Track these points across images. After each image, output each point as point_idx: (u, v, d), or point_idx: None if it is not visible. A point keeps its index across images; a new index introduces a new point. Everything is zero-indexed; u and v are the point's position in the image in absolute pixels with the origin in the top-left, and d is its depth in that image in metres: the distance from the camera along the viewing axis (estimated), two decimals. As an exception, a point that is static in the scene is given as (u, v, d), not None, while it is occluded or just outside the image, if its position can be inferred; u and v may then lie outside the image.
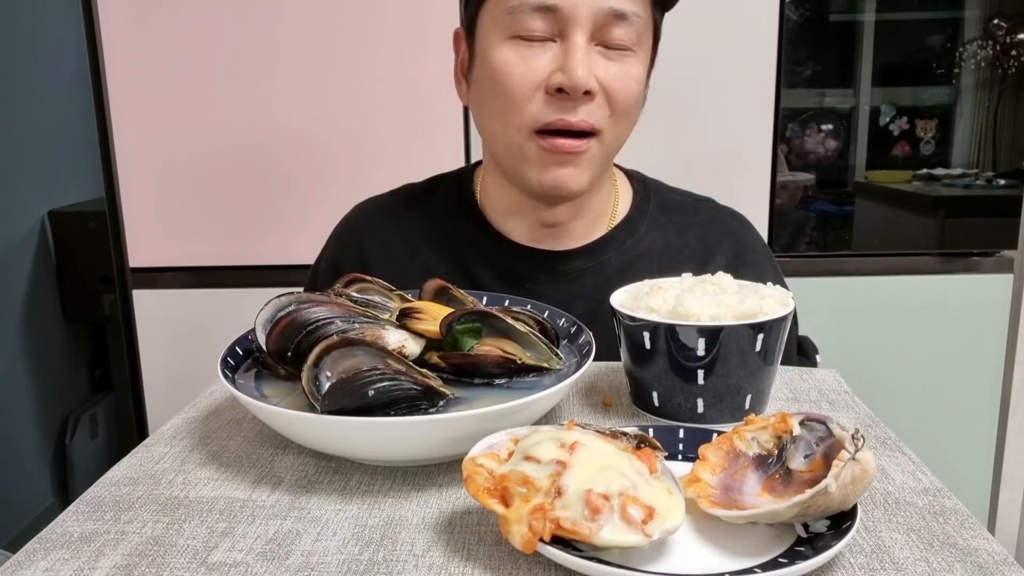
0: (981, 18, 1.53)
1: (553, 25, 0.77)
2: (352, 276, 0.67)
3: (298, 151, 1.44)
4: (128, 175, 1.46)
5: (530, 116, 0.78)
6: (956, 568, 0.42)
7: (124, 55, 1.41)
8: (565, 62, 0.76)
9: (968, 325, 1.51)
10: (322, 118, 1.42)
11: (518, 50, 0.78)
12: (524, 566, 0.42)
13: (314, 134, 1.43)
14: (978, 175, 1.57)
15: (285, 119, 1.43)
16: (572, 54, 0.75)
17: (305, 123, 1.43)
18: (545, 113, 0.77)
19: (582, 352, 0.62)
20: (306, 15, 1.40)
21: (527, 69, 0.77)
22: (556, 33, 0.77)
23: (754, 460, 0.47)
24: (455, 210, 0.93)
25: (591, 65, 0.76)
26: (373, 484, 0.52)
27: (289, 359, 0.57)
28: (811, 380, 0.69)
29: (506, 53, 0.78)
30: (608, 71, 0.77)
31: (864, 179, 1.57)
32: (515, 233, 0.89)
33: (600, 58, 0.77)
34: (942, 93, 1.56)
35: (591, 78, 0.76)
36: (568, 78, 0.75)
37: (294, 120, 1.43)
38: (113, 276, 1.52)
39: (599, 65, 0.77)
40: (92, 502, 0.50)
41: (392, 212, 0.95)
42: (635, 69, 0.79)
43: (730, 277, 0.64)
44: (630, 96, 0.79)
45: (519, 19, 0.77)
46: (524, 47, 0.77)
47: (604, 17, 0.76)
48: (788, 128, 1.52)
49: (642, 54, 0.80)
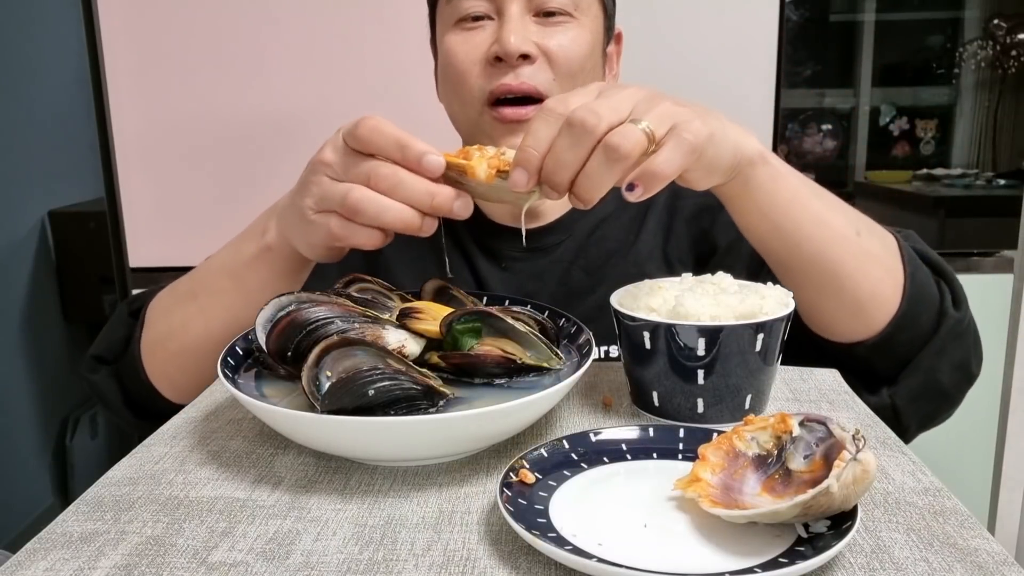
0: (981, 18, 1.54)
1: (491, 7, 0.82)
2: (352, 276, 0.67)
3: (299, 152, 1.43)
4: (128, 175, 1.46)
5: (477, 88, 0.82)
6: (956, 568, 0.42)
7: (124, 55, 1.41)
8: (499, 32, 0.81)
9: (968, 325, 1.51)
10: (323, 120, 1.42)
11: (460, 33, 0.83)
12: (524, 565, 0.42)
13: (315, 137, 1.43)
14: (978, 175, 1.57)
15: (286, 121, 1.43)
16: (505, 24, 0.80)
17: (306, 125, 1.43)
18: (488, 82, 0.82)
19: (582, 352, 0.62)
20: (307, 16, 1.40)
21: (469, 46, 0.82)
22: (493, 12, 0.82)
23: (753, 460, 0.47)
24: None
25: (525, 32, 0.80)
26: (373, 484, 0.52)
27: (289, 359, 0.57)
28: (811, 380, 0.69)
29: (451, 38, 0.84)
30: (546, 36, 0.81)
31: (864, 179, 1.57)
32: (496, 214, 0.92)
33: (538, 27, 0.81)
34: (942, 93, 1.56)
35: (524, 42, 0.80)
36: (500, 44, 0.79)
37: (295, 122, 1.43)
38: (113, 276, 1.52)
39: (536, 32, 0.81)
40: (92, 502, 0.50)
41: None
42: (579, 35, 0.83)
43: (730, 277, 0.64)
44: (572, 58, 0.82)
45: (457, 5, 0.83)
46: (466, 30, 0.83)
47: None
48: (788, 128, 1.53)
49: (586, 20, 0.84)
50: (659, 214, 0.92)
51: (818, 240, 0.68)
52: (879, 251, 0.72)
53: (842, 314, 0.72)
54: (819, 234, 0.68)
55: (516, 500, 0.45)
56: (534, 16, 0.82)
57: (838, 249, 0.69)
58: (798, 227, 0.68)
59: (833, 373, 0.70)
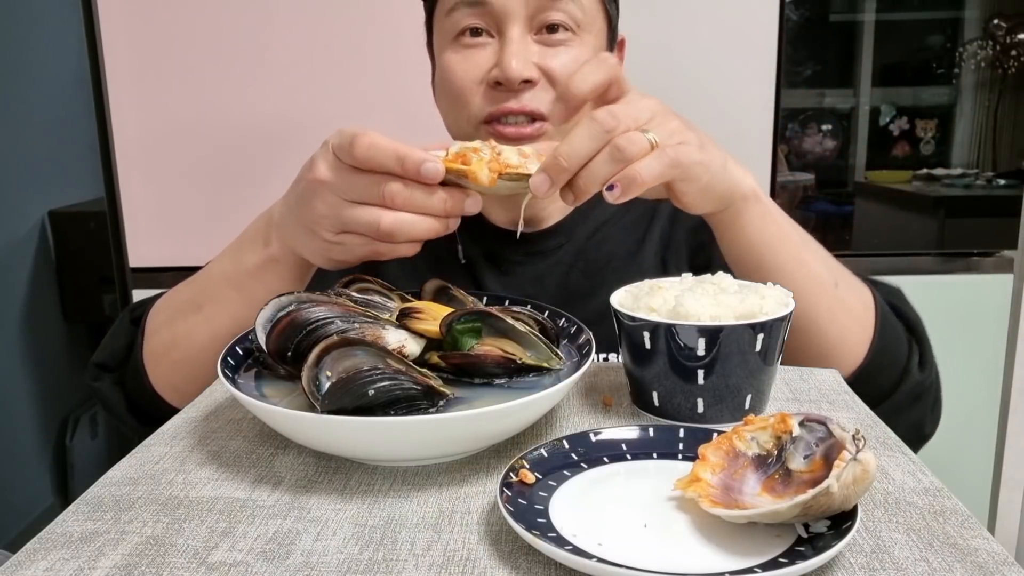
0: (981, 18, 1.53)
1: (490, 21, 0.79)
2: (352, 276, 0.67)
3: (299, 152, 1.43)
4: (128, 175, 1.45)
5: (476, 107, 0.81)
6: (956, 568, 0.42)
7: (124, 55, 1.41)
8: (500, 56, 0.78)
9: (968, 325, 1.51)
10: (323, 120, 1.42)
11: (460, 51, 0.81)
12: (524, 565, 0.42)
13: (315, 135, 1.43)
14: (978, 175, 1.57)
15: (286, 119, 1.43)
16: (506, 47, 0.78)
17: (306, 124, 1.43)
18: (488, 104, 0.80)
19: (582, 352, 0.62)
20: (307, 17, 1.40)
21: (468, 66, 0.80)
22: (493, 28, 0.80)
23: (753, 460, 0.47)
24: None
25: (527, 55, 0.78)
26: (373, 484, 0.52)
27: (289, 359, 0.57)
28: (811, 380, 0.69)
29: (450, 55, 0.82)
30: (548, 58, 0.79)
31: (864, 179, 1.57)
32: (496, 216, 0.92)
33: (540, 47, 0.79)
34: (942, 93, 1.56)
35: (526, 67, 0.78)
36: (502, 71, 0.78)
37: (295, 121, 1.43)
38: (113, 276, 1.52)
39: (538, 53, 0.79)
40: (92, 502, 0.50)
41: None
42: (580, 54, 0.80)
43: (730, 277, 0.64)
44: None
45: (456, 19, 0.80)
46: (465, 48, 0.81)
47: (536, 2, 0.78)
48: (788, 128, 1.53)
49: (589, 38, 0.82)
50: (662, 223, 0.92)
51: (796, 282, 0.69)
52: (854, 303, 0.75)
53: (806, 357, 0.74)
54: (798, 276, 0.71)
55: (516, 500, 0.45)
56: (535, 34, 0.80)
57: (813, 294, 0.72)
58: (779, 266, 0.71)
59: (833, 373, 0.70)
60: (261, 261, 0.73)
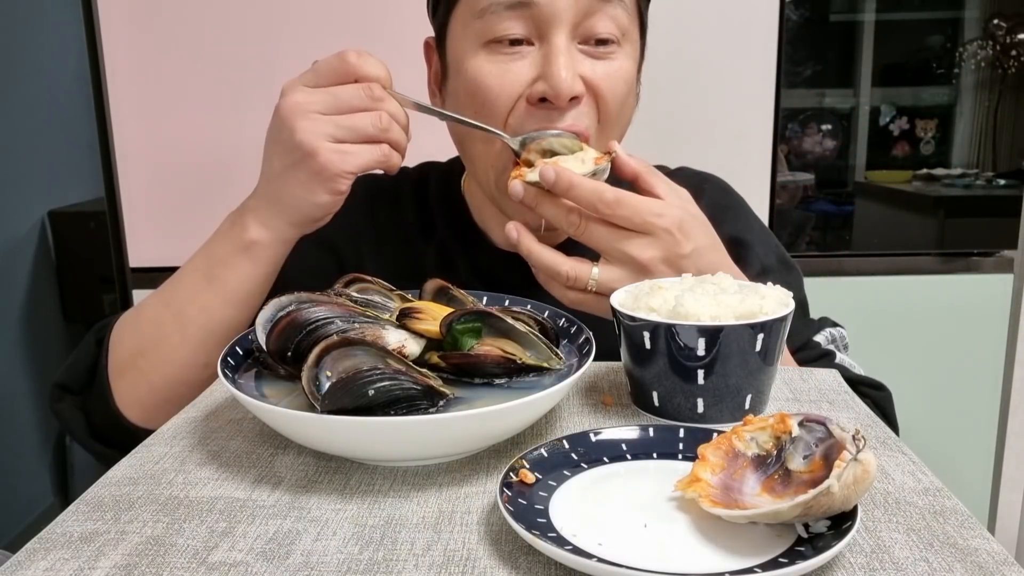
0: (981, 18, 1.53)
1: (530, 26, 0.70)
2: (352, 276, 0.67)
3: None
4: (128, 175, 1.45)
5: (515, 125, 0.72)
6: (956, 568, 0.42)
7: (124, 55, 1.41)
8: (546, 67, 0.69)
9: (968, 325, 1.51)
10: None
11: (494, 58, 0.71)
12: (524, 565, 0.42)
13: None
14: (978, 175, 1.57)
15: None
16: (554, 58, 0.69)
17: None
18: (527, 123, 0.71)
19: (582, 352, 0.62)
20: (306, 17, 1.40)
21: (505, 80, 0.71)
22: (534, 35, 0.71)
23: (753, 460, 0.47)
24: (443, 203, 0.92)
25: (575, 67, 0.70)
26: (373, 484, 0.52)
27: (289, 359, 0.57)
28: (811, 380, 0.69)
29: (481, 63, 0.72)
30: (595, 70, 0.72)
31: (864, 179, 1.57)
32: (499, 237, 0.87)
33: (584, 58, 0.72)
34: (942, 93, 1.56)
35: (576, 81, 0.70)
36: (551, 86, 0.69)
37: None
38: (113, 276, 1.52)
39: (584, 65, 0.72)
40: (92, 502, 0.50)
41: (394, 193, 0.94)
42: (624, 65, 0.74)
43: (730, 277, 0.64)
44: (618, 96, 0.74)
45: (491, 22, 0.70)
46: (500, 55, 0.71)
47: (586, 5, 0.70)
48: (788, 128, 1.53)
49: (629, 48, 0.75)
50: None
51: None
52: None
53: None
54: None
55: (516, 500, 0.45)
56: (580, 44, 0.72)
57: None
58: None
59: (833, 373, 0.70)
60: (235, 248, 0.73)
